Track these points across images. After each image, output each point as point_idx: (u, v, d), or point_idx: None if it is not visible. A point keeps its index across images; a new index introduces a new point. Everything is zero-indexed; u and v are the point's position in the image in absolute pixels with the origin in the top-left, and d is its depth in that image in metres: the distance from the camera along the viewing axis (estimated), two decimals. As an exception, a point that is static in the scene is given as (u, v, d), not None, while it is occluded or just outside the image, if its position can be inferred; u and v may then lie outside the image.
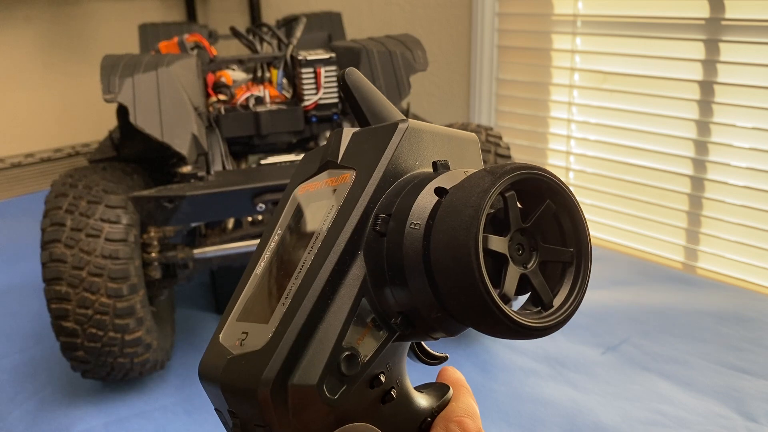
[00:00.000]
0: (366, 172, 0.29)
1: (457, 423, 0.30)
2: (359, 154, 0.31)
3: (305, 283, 0.28)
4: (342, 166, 0.31)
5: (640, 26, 1.79)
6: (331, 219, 0.29)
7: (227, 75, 1.53)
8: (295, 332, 0.26)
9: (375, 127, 0.32)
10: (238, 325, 0.30)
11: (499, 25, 2.13)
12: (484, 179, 0.26)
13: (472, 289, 0.25)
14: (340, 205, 0.29)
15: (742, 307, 1.57)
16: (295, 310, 0.27)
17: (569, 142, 2.02)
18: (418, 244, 0.27)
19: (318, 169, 0.33)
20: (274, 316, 0.28)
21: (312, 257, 0.28)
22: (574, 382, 1.31)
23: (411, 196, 0.28)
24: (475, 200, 0.25)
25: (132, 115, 1.23)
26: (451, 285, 0.25)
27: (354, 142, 0.32)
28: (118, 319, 1.18)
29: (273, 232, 0.33)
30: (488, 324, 0.25)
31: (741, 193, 1.67)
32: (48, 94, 2.70)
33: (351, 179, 0.30)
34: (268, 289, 0.30)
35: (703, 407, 1.22)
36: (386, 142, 0.30)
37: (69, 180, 1.26)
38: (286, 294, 0.28)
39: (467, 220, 0.25)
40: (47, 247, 1.17)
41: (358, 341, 0.27)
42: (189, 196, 1.20)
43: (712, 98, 1.69)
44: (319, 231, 0.29)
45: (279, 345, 0.26)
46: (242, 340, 0.29)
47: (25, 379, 1.39)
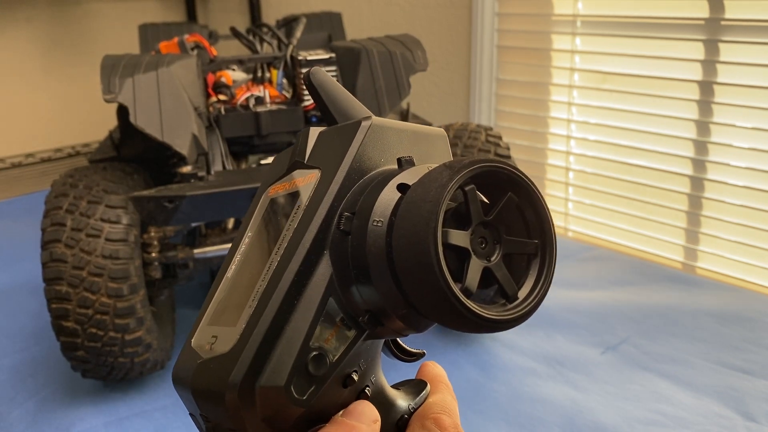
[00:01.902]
0: (330, 171, 0.29)
1: (434, 420, 0.30)
2: (324, 153, 0.31)
3: (271, 284, 0.28)
4: (309, 165, 0.31)
5: (640, 26, 1.79)
6: (297, 219, 0.29)
7: (227, 75, 1.53)
8: (261, 334, 0.26)
9: (340, 125, 0.32)
10: (209, 329, 0.30)
11: (498, 25, 2.14)
12: (443, 174, 0.26)
13: (433, 285, 0.25)
14: (306, 205, 0.29)
15: (742, 307, 1.57)
16: (261, 312, 0.27)
17: (569, 142, 2.02)
18: (381, 241, 0.27)
19: (287, 170, 0.33)
20: (241, 318, 0.28)
21: (278, 258, 0.28)
22: (574, 382, 1.31)
23: (374, 193, 0.28)
24: (434, 195, 0.25)
25: (132, 115, 1.23)
26: (414, 281, 0.25)
27: (320, 142, 0.32)
28: (119, 319, 1.18)
29: (243, 235, 0.33)
30: (452, 319, 0.25)
31: (741, 193, 1.68)
32: (48, 94, 2.70)
33: (316, 179, 0.30)
34: (238, 292, 0.30)
35: (703, 407, 1.22)
36: (350, 140, 0.30)
37: (69, 180, 1.26)
38: (254, 296, 0.28)
39: (426, 215, 0.25)
40: (47, 247, 1.17)
41: (327, 341, 0.27)
42: (189, 196, 1.20)
43: (712, 98, 1.69)
44: (286, 232, 0.29)
45: (245, 347, 0.26)
46: (212, 344, 0.29)
47: (25, 379, 1.40)
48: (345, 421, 0.28)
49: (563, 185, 2.06)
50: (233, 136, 1.45)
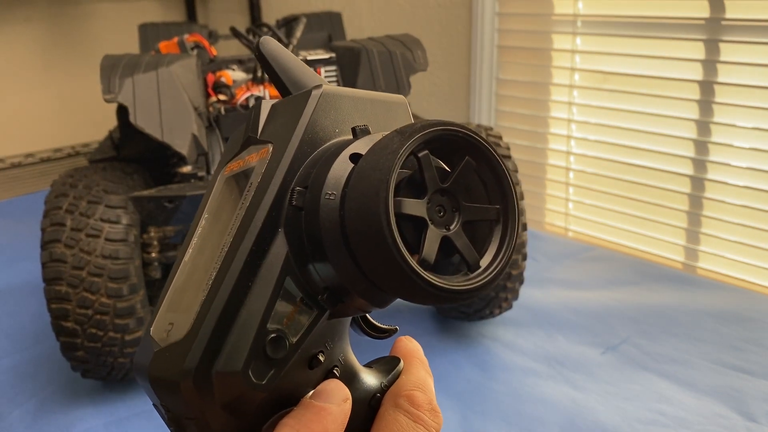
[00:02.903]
0: (282, 144, 0.28)
1: (406, 397, 0.29)
2: (276, 127, 0.29)
3: (224, 266, 0.26)
4: (261, 141, 0.30)
5: (641, 26, 1.79)
6: (249, 198, 0.28)
7: (227, 75, 1.53)
8: (214, 318, 0.25)
9: (291, 96, 0.30)
10: (166, 316, 0.29)
11: (499, 24, 2.13)
12: (393, 140, 0.25)
13: (387, 257, 0.24)
14: (258, 182, 0.28)
15: (742, 307, 1.57)
16: (214, 296, 0.26)
17: (569, 142, 2.02)
18: (334, 215, 0.25)
19: (240, 147, 0.31)
20: (195, 303, 0.27)
21: (230, 239, 0.27)
22: (574, 382, 1.31)
23: (326, 165, 0.27)
24: (384, 163, 0.24)
25: (132, 115, 1.23)
26: (368, 255, 0.24)
27: (272, 115, 0.30)
28: (118, 319, 1.18)
29: (201, 218, 0.31)
30: (410, 291, 0.25)
31: (741, 193, 1.67)
32: (48, 94, 2.70)
33: (269, 154, 0.28)
34: (194, 277, 0.29)
35: (703, 407, 1.22)
36: (301, 110, 0.28)
37: (69, 180, 1.26)
38: (207, 280, 0.27)
39: (376, 185, 0.24)
40: (47, 247, 1.17)
41: (286, 322, 0.26)
42: (189, 196, 1.20)
43: (713, 98, 1.69)
44: (239, 211, 0.28)
45: (199, 332, 0.25)
46: (168, 331, 0.28)
47: (25, 379, 1.39)
48: (313, 402, 0.27)
49: (563, 185, 2.06)
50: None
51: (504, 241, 0.27)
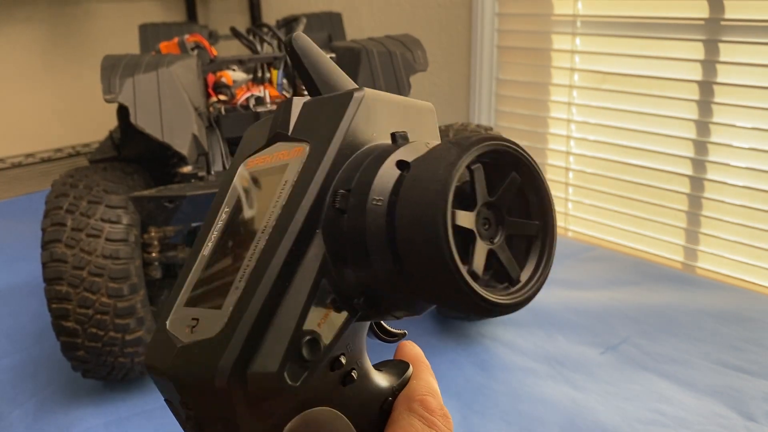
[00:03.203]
0: (321, 144, 0.28)
1: (420, 402, 0.29)
2: (312, 126, 0.29)
3: (260, 264, 0.26)
4: (294, 138, 0.29)
5: (640, 26, 1.79)
6: (285, 195, 0.27)
7: (227, 75, 1.53)
8: (252, 318, 0.25)
9: (328, 96, 0.30)
10: (187, 311, 0.28)
11: (498, 25, 2.14)
12: (450, 151, 0.25)
13: (442, 268, 0.23)
14: (295, 180, 0.27)
15: (742, 307, 1.57)
16: (251, 294, 0.25)
17: (569, 143, 2.02)
18: (381, 220, 0.25)
19: (267, 142, 0.31)
20: (227, 301, 0.26)
21: (266, 237, 0.27)
22: (574, 382, 1.31)
23: (371, 170, 0.26)
24: (442, 174, 0.24)
25: (132, 116, 1.23)
26: (419, 263, 0.24)
27: (305, 113, 0.30)
28: (119, 319, 1.18)
29: (219, 211, 0.31)
30: (458, 303, 0.25)
31: (741, 193, 1.68)
32: (48, 94, 2.70)
33: (305, 153, 0.28)
34: (219, 272, 0.28)
35: (703, 407, 1.22)
36: (342, 112, 0.28)
37: (69, 180, 1.26)
38: (240, 277, 0.27)
39: (434, 196, 0.24)
40: (48, 247, 1.17)
41: (320, 324, 0.26)
42: (189, 196, 1.20)
43: (712, 98, 1.69)
44: (273, 208, 0.27)
45: (235, 331, 0.25)
46: (192, 327, 0.27)
47: (25, 379, 1.40)
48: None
49: (563, 185, 2.06)
50: (233, 136, 1.45)
51: (543, 256, 0.27)
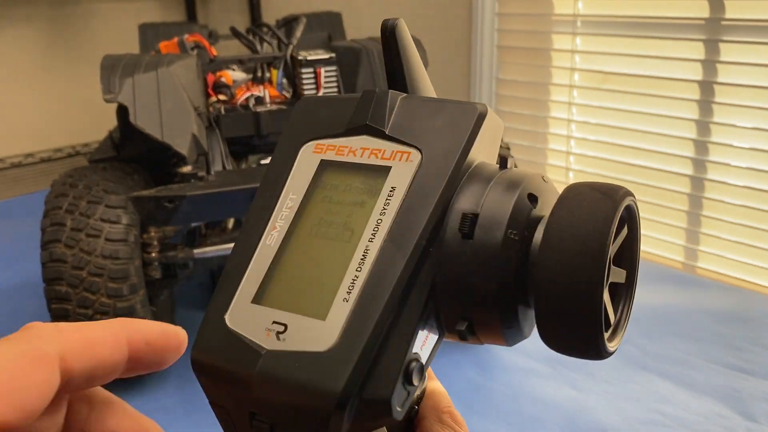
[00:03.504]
0: (439, 156, 0.26)
1: (449, 414, 0.29)
2: (422, 131, 0.26)
3: (375, 279, 0.24)
4: (393, 138, 0.27)
5: (640, 26, 1.79)
6: (396, 205, 0.25)
7: (227, 75, 1.53)
8: (368, 336, 0.23)
9: (439, 101, 0.27)
10: (262, 311, 0.25)
11: (499, 25, 2.14)
12: (604, 203, 0.24)
13: (586, 320, 0.23)
14: (407, 189, 0.25)
15: (742, 307, 1.57)
16: (368, 311, 0.24)
17: (569, 142, 2.02)
18: (516, 254, 0.24)
19: (347, 130, 0.28)
20: (334, 312, 0.24)
21: (377, 248, 0.24)
22: (574, 382, 1.31)
23: (501, 197, 0.25)
24: (602, 228, 0.23)
25: (132, 115, 1.23)
26: (557, 310, 0.24)
27: (406, 112, 0.27)
28: (119, 319, 1.18)
29: (280, 194, 0.28)
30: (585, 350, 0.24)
31: (741, 193, 1.68)
32: (48, 94, 2.70)
33: (415, 160, 0.26)
34: (303, 273, 0.26)
35: (703, 407, 1.22)
36: (464, 125, 0.26)
37: (69, 180, 1.26)
38: (347, 288, 0.24)
39: (593, 252, 0.23)
40: (47, 247, 1.17)
41: (422, 346, 0.25)
42: (189, 196, 1.20)
43: (712, 98, 1.69)
44: (380, 215, 0.25)
45: (352, 351, 0.23)
46: (279, 332, 0.25)
47: (25, 379, 1.39)
48: None
49: (564, 185, 2.06)
50: (233, 136, 1.45)
51: (627, 303, 0.28)
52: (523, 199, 0.25)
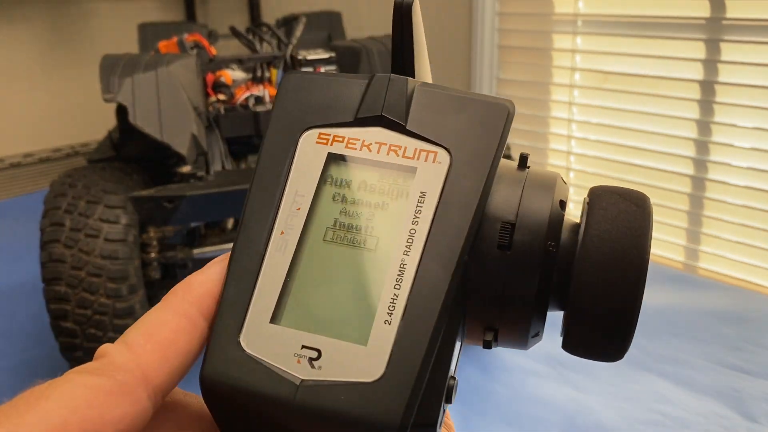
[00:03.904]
0: (471, 160, 0.23)
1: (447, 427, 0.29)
2: (447, 128, 0.24)
3: (421, 298, 0.22)
4: (414, 134, 0.24)
5: (641, 26, 1.79)
6: (432, 214, 0.23)
7: (227, 74, 1.52)
8: (425, 364, 0.22)
9: (466, 95, 0.25)
10: (284, 333, 0.22)
11: (499, 24, 2.13)
12: (638, 216, 0.23)
13: (623, 331, 0.23)
14: (439, 195, 0.23)
15: (743, 307, 1.57)
16: (417, 336, 0.22)
17: (570, 142, 2.02)
18: (552, 266, 0.23)
19: (357, 120, 0.25)
20: (375, 336, 0.22)
21: (417, 262, 0.22)
22: (575, 382, 1.31)
23: (536, 204, 0.24)
24: (642, 242, 0.23)
25: (131, 115, 1.23)
26: (595, 322, 0.23)
27: (427, 104, 0.24)
28: (118, 319, 1.18)
29: (285, 193, 0.24)
30: (611, 356, 0.24)
31: (742, 193, 1.67)
32: (47, 93, 2.70)
33: (443, 162, 0.23)
34: (331, 287, 0.23)
35: (704, 407, 1.22)
36: (496, 125, 0.24)
37: (68, 180, 1.26)
38: (389, 307, 0.22)
39: (635, 266, 0.23)
40: (46, 247, 1.17)
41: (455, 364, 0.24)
42: (188, 196, 1.20)
43: (713, 98, 1.68)
44: (412, 224, 0.23)
45: (408, 381, 0.21)
46: (312, 359, 0.22)
47: (24, 380, 1.39)
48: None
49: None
50: (233, 135, 1.45)
51: None
52: (557, 206, 0.24)
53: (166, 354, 0.21)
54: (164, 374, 0.21)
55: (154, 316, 0.22)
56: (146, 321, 0.21)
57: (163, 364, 0.21)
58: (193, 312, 0.22)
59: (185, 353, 0.21)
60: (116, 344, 0.21)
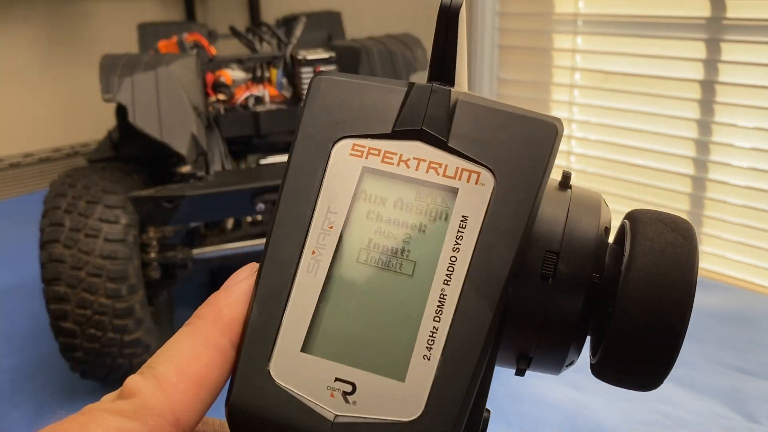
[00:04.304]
0: (517, 183, 0.22)
1: None
2: (492, 146, 0.22)
3: (462, 333, 0.21)
4: (456, 152, 0.22)
5: (642, 25, 1.79)
6: (474, 241, 0.21)
7: (226, 74, 1.52)
8: (466, 403, 0.21)
9: (511, 110, 0.23)
10: (316, 363, 0.21)
11: (499, 24, 2.13)
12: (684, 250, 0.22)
13: (663, 364, 0.22)
14: (482, 220, 0.22)
15: (743, 307, 1.57)
16: (458, 374, 0.21)
17: (570, 142, 2.02)
18: (594, 298, 0.23)
19: (394, 132, 0.23)
20: (413, 371, 0.21)
21: (458, 293, 0.21)
22: (575, 383, 1.31)
23: (581, 233, 0.23)
24: (689, 277, 0.22)
25: (131, 115, 1.22)
26: (635, 355, 0.22)
27: (469, 119, 0.23)
28: (117, 319, 1.18)
29: (317, 209, 0.22)
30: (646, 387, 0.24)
31: (742, 193, 1.67)
32: (46, 93, 2.69)
33: (487, 184, 0.22)
34: (367, 315, 0.22)
35: (704, 408, 1.22)
36: (544, 146, 0.22)
37: (68, 180, 1.26)
38: (428, 341, 0.21)
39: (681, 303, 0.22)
40: (46, 247, 1.16)
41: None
42: (188, 196, 1.19)
43: (714, 98, 1.68)
44: (452, 251, 0.22)
45: (448, 421, 0.21)
46: (347, 393, 0.21)
47: (23, 380, 1.39)
48: None
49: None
50: (233, 135, 1.45)
51: None
52: (602, 233, 0.23)
53: (198, 392, 0.20)
54: (195, 413, 0.20)
55: (185, 347, 0.21)
56: (177, 351, 0.21)
57: (195, 403, 0.20)
58: (225, 342, 0.21)
59: (215, 387, 0.21)
60: (147, 379, 0.20)
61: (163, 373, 0.20)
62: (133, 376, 0.20)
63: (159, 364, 0.20)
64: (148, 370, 0.20)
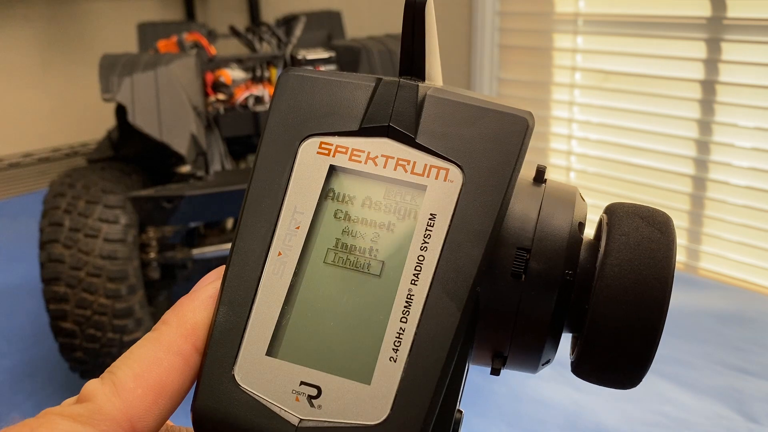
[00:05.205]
0: (486, 179, 0.21)
1: None
2: (460, 142, 0.22)
3: (429, 334, 0.20)
4: (425, 148, 0.22)
5: (642, 25, 1.79)
6: (442, 240, 0.21)
7: (226, 74, 1.52)
8: (433, 405, 0.20)
9: (480, 104, 0.22)
10: (281, 367, 0.21)
11: (500, 24, 2.13)
12: (660, 245, 0.22)
13: (640, 361, 0.22)
14: (451, 218, 0.21)
15: (744, 307, 1.56)
16: (424, 376, 0.20)
17: (570, 142, 2.02)
18: (569, 295, 0.22)
19: (362, 129, 0.22)
20: (379, 374, 0.20)
21: (425, 294, 0.21)
22: (575, 383, 1.31)
23: (553, 228, 0.22)
24: (665, 273, 0.22)
25: (131, 115, 1.22)
26: (612, 352, 0.22)
27: (438, 114, 0.22)
28: (117, 319, 1.18)
29: (283, 209, 0.22)
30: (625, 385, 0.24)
31: (743, 193, 1.67)
32: (46, 93, 2.69)
33: (456, 181, 0.22)
34: (333, 317, 0.21)
35: (704, 408, 1.22)
36: (513, 141, 0.22)
37: (67, 180, 1.26)
38: (394, 343, 0.21)
39: (657, 298, 0.21)
40: (45, 247, 1.16)
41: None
42: (188, 196, 1.19)
43: (714, 97, 1.68)
44: (420, 251, 0.21)
45: (415, 424, 0.20)
46: (312, 397, 0.21)
47: (23, 380, 1.39)
48: None
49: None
50: (232, 135, 1.44)
51: None
52: (575, 229, 0.22)
53: (157, 399, 0.20)
54: (153, 419, 0.20)
55: (146, 353, 0.21)
56: (138, 357, 0.20)
57: (153, 409, 0.20)
58: (187, 348, 0.21)
59: (176, 393, 0.20)
60: (104, 384, 0.20)
61: (120, 379, 0.20)
62: (92, 381, 0.20)
63: (118, 369, 0.20)
64: (107, 375, 0.20)
